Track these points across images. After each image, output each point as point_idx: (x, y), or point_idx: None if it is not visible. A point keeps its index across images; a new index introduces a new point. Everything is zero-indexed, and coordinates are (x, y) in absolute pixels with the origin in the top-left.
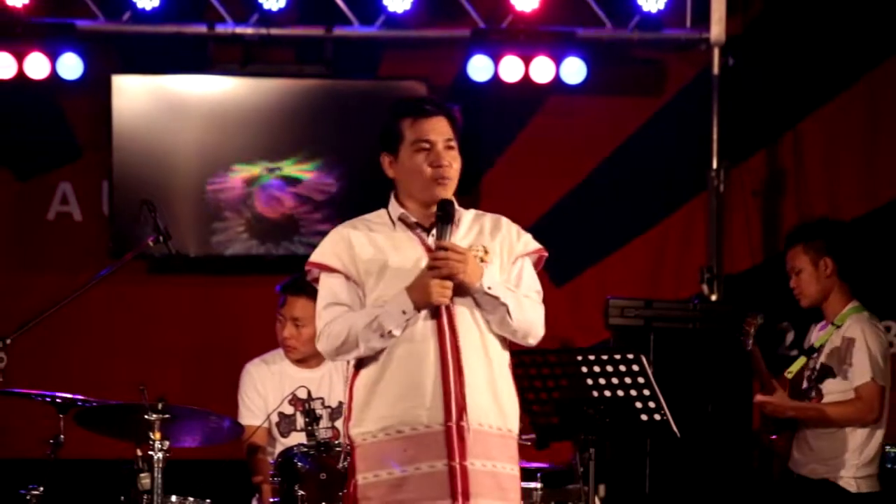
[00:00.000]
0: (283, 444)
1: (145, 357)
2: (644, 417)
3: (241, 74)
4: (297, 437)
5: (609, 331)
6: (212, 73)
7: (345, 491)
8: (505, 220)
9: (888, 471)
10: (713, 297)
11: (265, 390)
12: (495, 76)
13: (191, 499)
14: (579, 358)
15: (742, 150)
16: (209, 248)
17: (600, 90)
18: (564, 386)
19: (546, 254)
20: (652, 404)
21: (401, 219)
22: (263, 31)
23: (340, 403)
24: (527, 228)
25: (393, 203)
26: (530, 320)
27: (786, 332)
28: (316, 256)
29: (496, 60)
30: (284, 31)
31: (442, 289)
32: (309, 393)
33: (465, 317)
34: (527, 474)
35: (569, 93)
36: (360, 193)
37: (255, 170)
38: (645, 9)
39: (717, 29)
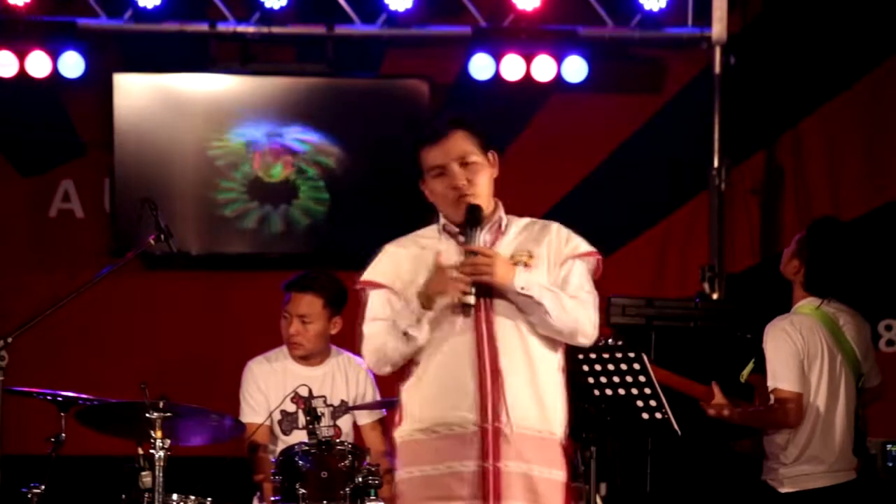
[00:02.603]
0: (284, 441)
1: (147, 355)
2: (645, 416)
3: (242, 73)
4: (299, 435)
5: (610, 329)
6: (213, 72)
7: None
8: (555, 226)
9: (889, 469)
10: (714, 296)
11: (267, 388)
12: (497, 75)
13: (192, 497)
14: (580, 356)
15: (743, 148)
16: (211, 243)
17: (602, 88)
18: (565, 384)
19: (600, 256)
20: (653, 403)
21: (444, 229)
22: (265, 29)
23: (343, 402)
24: None
25: (440, 218)
26: (574, 319)
27: None
28: (364, 275)
29: (497, 59)
30: (286, 30)
31: (441, 280)
32: (310, 391)
33: (504, 319)
34: None
35: (570, 91)
36: (359, 191)
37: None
38: (646, 7)
39: (719, 27)
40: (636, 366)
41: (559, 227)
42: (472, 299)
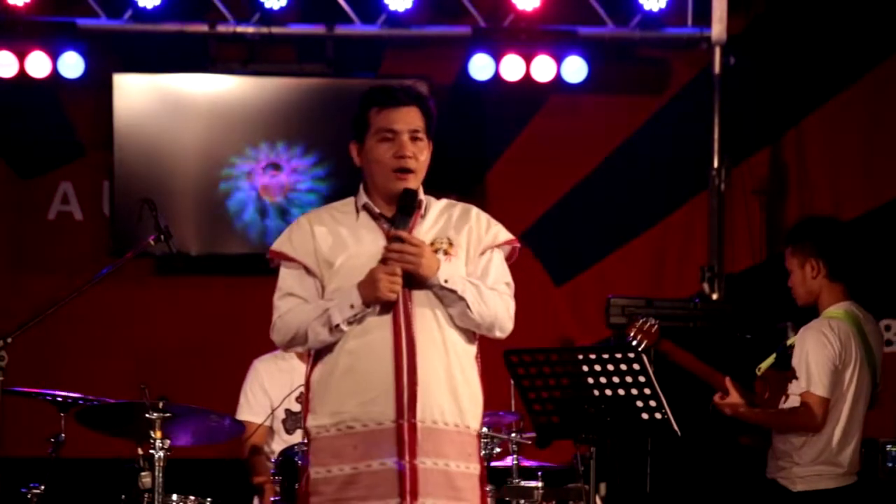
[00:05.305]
0: (286, 441)
1: (147, 356)
2: (645, 416)
3: (242, 73)
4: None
5: (610, 329)
6: (213, 72)
7: (297, 485)
8: (475, 211)
9: (889, 470)
10: (714, 296)
11: (272, 388)
12: (496, 75)
13: (192, 498)
14: (580, 357)
15: (743, 148)
16: (211, 245)
17: (601, 89)
18: (565, 385)
19: (518, 245)
20: (653, 403)
21: (365, 208)
22: (265, 29)
23: None
24: (528, 227)
25: (360, 192)
26: (494, 314)
27: (787, 332)
28: (276, 245)
29: (497, 59)
30: (286, 30)
31: (390, 283)
32: None
33: (424, 310)
34: (527, 473)
35: (570, 91)
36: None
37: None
38: (646, 7)
39: (719, 28)
40: (636, 366)
41: (479, 213)
42: (395, 294)
